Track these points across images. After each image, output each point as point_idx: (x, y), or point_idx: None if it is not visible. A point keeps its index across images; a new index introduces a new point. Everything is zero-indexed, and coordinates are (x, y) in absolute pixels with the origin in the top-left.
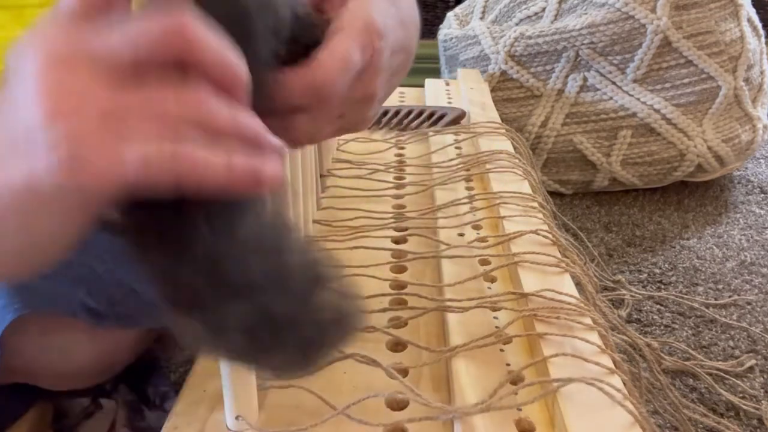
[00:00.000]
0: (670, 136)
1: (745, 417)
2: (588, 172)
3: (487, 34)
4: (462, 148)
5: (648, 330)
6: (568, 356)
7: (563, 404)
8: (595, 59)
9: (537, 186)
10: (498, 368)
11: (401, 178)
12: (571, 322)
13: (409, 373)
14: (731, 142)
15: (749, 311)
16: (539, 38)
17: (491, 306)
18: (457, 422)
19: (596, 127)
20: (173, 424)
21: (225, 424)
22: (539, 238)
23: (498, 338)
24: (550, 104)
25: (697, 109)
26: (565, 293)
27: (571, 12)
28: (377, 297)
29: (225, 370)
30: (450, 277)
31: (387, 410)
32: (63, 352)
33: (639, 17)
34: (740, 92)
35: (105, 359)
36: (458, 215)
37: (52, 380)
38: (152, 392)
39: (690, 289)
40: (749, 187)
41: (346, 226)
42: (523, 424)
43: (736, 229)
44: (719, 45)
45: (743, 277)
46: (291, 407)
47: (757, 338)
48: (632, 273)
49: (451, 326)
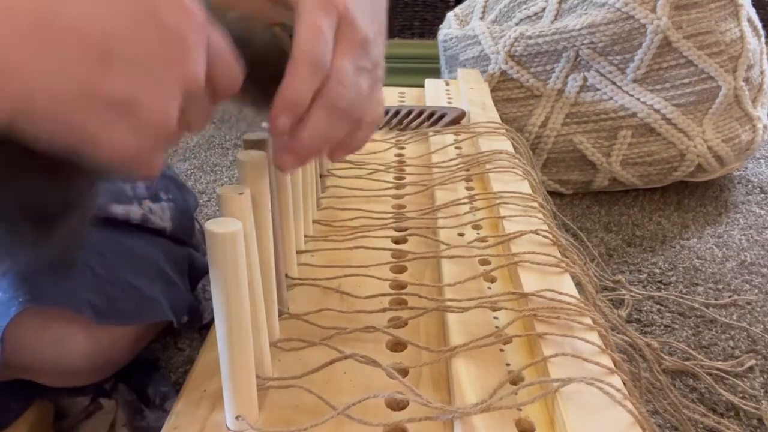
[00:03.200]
0: (670, 136)
1: (745, 417)
2: (588, 172)
3: (487, 34)
4: (462, 148)
5: (648, 330)
6: (568, 356)
7: (563, 404)
8: (595, 59)
9: (537, 186)
10: (498, 368)
11: (401, 178)
12: (571, 322)
13: (409, 373)
14: (731, 142)
15: (749, 311)
16: (539, 38)
17: (491, 306)
18: (457, 422)
19: (596, 127)
20: (173, 424)
21: (225, 424)
22: (539, 238)
23: (498, 338)
24: (550, 104)
25: (697, 109)
26: (565, 293)
27: (571, 12)
28: (377, 297)
29: (225, 370)
30: (450, 277)
31: (387, 410)
32: (60, 347)
33: (639, 17)
34: (740, 92)
35: (102, 356)
36: (458, 215)
37: (51, 376)
38: (152, 392)
39: (690, 289)
40: (749, 187)
41: (346, 226)
42: (523, 424)
43: (736, 229)
44: (719, 45)
45: (743, 277)
46: (291, 407)
47: (757, 338)
48: (632, 273)
49: (451, 326)
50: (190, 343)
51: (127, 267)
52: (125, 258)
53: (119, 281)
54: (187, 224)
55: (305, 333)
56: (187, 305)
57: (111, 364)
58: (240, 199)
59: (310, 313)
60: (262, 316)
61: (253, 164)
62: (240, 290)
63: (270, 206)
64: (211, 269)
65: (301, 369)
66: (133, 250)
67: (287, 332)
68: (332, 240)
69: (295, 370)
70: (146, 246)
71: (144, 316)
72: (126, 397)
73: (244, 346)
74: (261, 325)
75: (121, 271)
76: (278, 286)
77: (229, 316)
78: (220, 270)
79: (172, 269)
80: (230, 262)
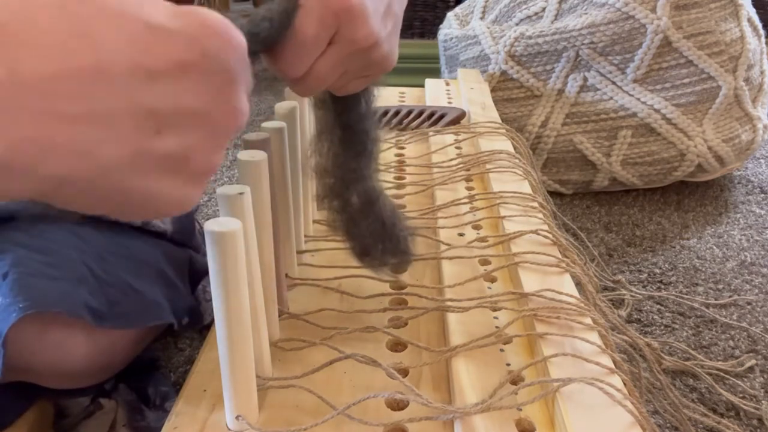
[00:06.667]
0: (670, 136)
1: (745, 417)
2: (588, 172)
3: (487, 34)
4: (462, 148)
5: (648, 330)
6: (568, 356)
7: (563, 404)
8: (595, 59)
9: (537, 186)
10: (498, 368)
11: (401, 178)
12: (571, 322)
13: (409, 373)
14: (731, 142)
15: (749, 311)
16: (539, 38)
17: (491, 306)
18: (457, 422)
19: (596, 127)
20: (173, 424)
21: (225, 424)
22: (539, 238)
23: (498, 338)
24: (550, 104)
25: (698, 109)
26: (565, 293)
27: (571, 12)
28: (377, 297)
29: (225, 370)
30: (450, 277)
31: (387, 410)
32: (60, 350)
33: (639, 17)
34: (740, 92)
35: (102, 359)
36: (458, 215)
37: (51, 379)
38: (152, 392)
39: (690, 289)
40: (749, 187)
41: None
42: (523, 424)
43: (736, 229)
44: (719, 45)
45: (743, 277)
46: (291, 407)
47: (757, 338)
48: (632, 273)
49: (451, 326)
50: (190, 343)
51: (128, 270)
52: (126, 261)
53: (120, 284)
54: (188, 226)
55: (305, 333)
56: (188, 307)
57: (112, 366)
58: (240, 199)
59: (310, 313)
60: (262, 316)
61: (253, 164)
62: (240, 290)
63: (270, 206)
64: (211, 269)
65: (301, 369)
66: (133, 252)
67: (287, 332)
68: (332, 240)
69: (295, 370)
70: (147, 248)
71: (145, 318)
72: (126, 397)
73: (244, 346)
74: (261, 325)
75: (122, 274)
76: (278, 286)
77: (229, 316)
78: (220, 270)
79: (173, 271)
80: (230, 262)
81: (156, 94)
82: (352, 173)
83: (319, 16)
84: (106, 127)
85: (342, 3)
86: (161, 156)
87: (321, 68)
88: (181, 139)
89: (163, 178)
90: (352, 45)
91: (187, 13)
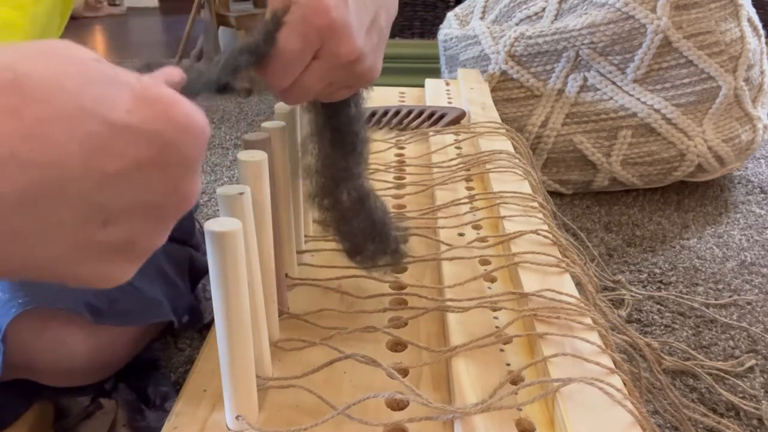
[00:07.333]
0: (670, 136)
1: (745, 417)
2: (588, 172)
3: (487, 34)
4: (462, 148)
5: (648, 330)
6: (568, 356)
7: (563, 404)
8: (595, 59)
9: (537, 186)
10: (498, 368)
11: (401, 178)
12: (571, 322)
13: (409, 373)
14: (731, 142)
15: (749, 311)
16: (539, 38)
17: (491, 306)
18: (457, 422)
19: (596, 127)
20: (173, 424)
21: (225, 424)
22: (539, 238)
23: (498, 338)
24: (550, 104)
25: (697, 109)
26: (565, 293)
27: (571, 12)
28: (377, 297)
29: (225, 370)
30: (450, 277)
31: (387, 410)
32: (60, 347)
33: (639, 17)
34: (740, 92)
35: (102, 356)
36: (458, 215)
37: (51, 376)
38: (152, 392)
39: (690, 289)
40: (749, 187)
41: None
42: (523, 424)
43: (736, 229)
44: (719, 45)
45: (743, 277)
46: (291, 407)
47: (757, 338)
48: (632, 273)
49: (451, 326)
50: (190, 343)
51: None
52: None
53: None
54: (188, 224)
55: (305, 333)
56: (188, 305)
57: (111, 364)
58: (240, 199)
59: (310, 313)
60: (262, 316)
61: (253, 164)
62: (240, 290)
63: (270, 206)
64: (211, 269)
65: (301, 369)
66: None
67: (287, 332)
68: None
69: (295, 370)
70: None
71: (144, 316)
72: (126, 397)
73: (244, 346)
74: (261, 325)
75: None
76: (278, 286)
77: (229, 315)
78: (220, 270)
79: (173, 269)
80: (230, 262)
81: (108, 193)
82: (342, 172)
83: (303, 33)
84: (50, 226)
85: (324, 20)
86: (104, 244)
87: (306, 81)
88: (128, 227)
89: (102, 263)
90: (335, 59)
91: (152, 100)
